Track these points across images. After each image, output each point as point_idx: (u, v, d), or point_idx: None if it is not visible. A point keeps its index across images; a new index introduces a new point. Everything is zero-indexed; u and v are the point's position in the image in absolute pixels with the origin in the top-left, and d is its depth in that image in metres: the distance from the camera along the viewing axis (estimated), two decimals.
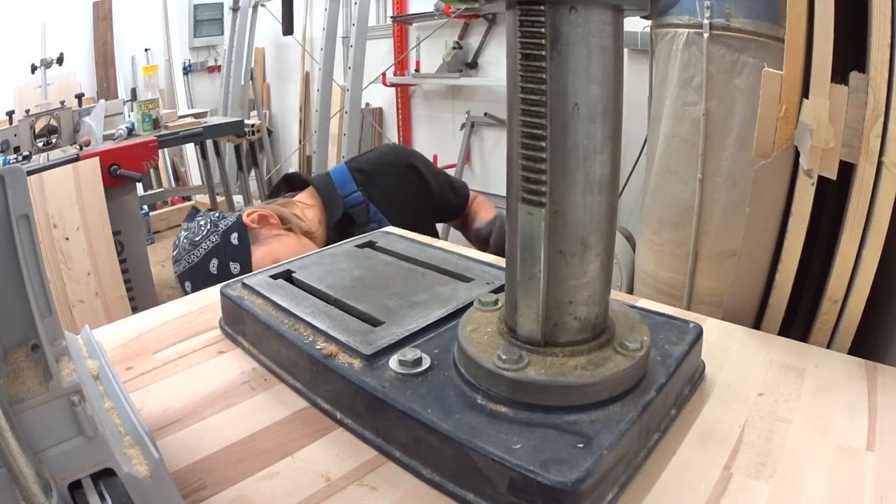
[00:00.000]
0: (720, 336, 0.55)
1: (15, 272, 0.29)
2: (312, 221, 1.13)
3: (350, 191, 1.18)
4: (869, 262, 0.49)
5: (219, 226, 1.04)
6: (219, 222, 1.05)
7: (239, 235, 1.03)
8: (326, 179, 1.21)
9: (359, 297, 0.55)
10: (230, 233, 1.03)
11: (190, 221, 1.08)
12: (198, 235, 1.03)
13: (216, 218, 1.06)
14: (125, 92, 3.62)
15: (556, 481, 0.33)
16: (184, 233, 1.06)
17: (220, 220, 1.06)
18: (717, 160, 1.15)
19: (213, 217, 1.07)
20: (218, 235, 1.02)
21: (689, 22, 1.16)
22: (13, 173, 0.29)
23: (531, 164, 0.37)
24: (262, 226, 1.05)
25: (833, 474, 0.38)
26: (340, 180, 1.20)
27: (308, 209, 1.15)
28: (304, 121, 3.89)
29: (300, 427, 0.45)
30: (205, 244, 1.02)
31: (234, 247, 1.01)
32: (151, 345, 0.58)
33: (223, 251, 1.01)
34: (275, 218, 1.07)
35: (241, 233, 1.03)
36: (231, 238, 1.02)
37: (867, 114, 0.46)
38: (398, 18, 3.29)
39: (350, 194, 1.18)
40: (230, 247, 1.01)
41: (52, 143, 2.03)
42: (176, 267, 1.04)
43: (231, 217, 1.06)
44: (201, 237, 1.03)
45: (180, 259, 1.03)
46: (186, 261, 1.02)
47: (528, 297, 0.40)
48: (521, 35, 0.35)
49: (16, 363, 0.30)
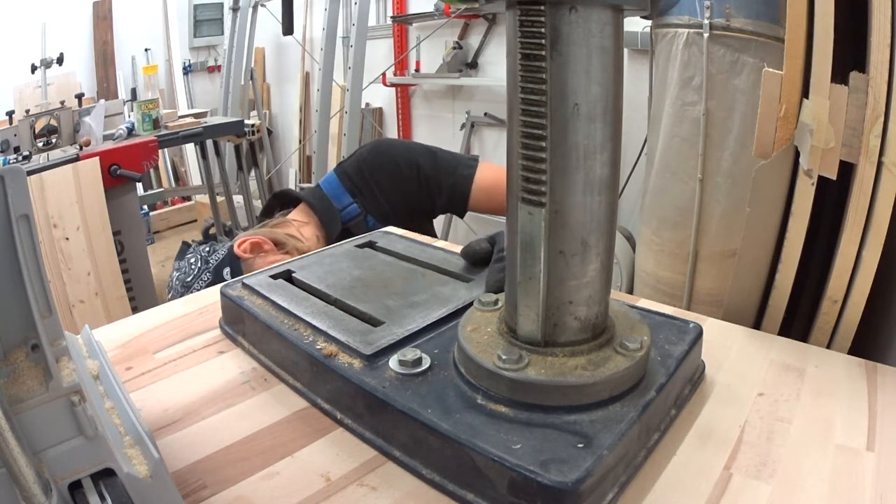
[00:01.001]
0: (720, 336, 0.55)
1: (15, 272, 0.29)
2: (311, 240, 1.07)
3: (346, 203, 1.12)
4: (869, 262, 0.49)
5: (209, 262, 0.99)
6: (209, 258, 1.00)
7: (231, 269, 0.98)
8: (319, 194, 1.14)
9: (359, 297, 0.55)
10: (222, 268, 0.98)
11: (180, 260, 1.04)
12: (189, 275, 0.99)
13: (206, 253, 1.01)
14: (125, 92, 3.62)
15: (556, 481, 0.33)
16: (175, 273, 1.02)
17: (211, 254, 1.00)
18: (717, 160, 1.15)
19: (202, 253, 1.02)
20: (210, 273, 0.98)
21: (689, 22, 1.16)
22: (13, 173, 0.29)
23: (531, 164, 0.37)
24: (255, 254, 0.99)
25: (833, 474, 0.38)
26: (333, 192, 1.13)
27: (304, 227, 1.09)
28: (304, 121, 3.89)
29: (300, 427, 0.45)
30: (196, 284, 0.98)
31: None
32: (151, 345, 0.58)
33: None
34: (268, 244, 1.01)
35: (233, 266, 0.98)
36: (224, 274, 0.97)
37: (867, 114, 0.46)
38: (398, 18, 3.29)
39: (346, 206, 1.12)
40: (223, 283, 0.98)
41: (52, 143, 2.04)
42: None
43: (222, 249, 1.01)
44: (193, 277, 0.99)
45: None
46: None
47: (528, 297, 0.40)
48: (521, 35, 0.35)
49: (16, 363, 0.30)
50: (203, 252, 1.02)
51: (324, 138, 2.77)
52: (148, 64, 3.87)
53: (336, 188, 1.13)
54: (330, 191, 1.14)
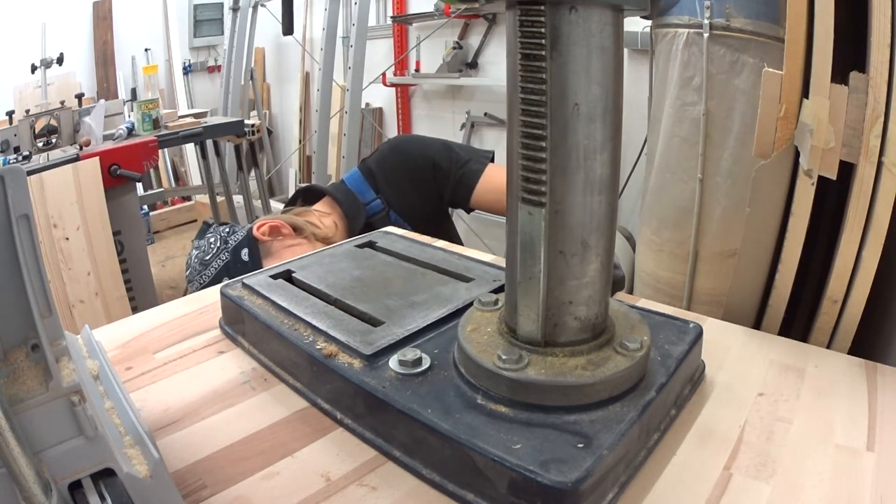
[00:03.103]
0: (720, 336, 0.55)
1: (15, 272, 0.29)
2: (330, 228, 1.09)
3: (370, 198, 1.15)
4: (869, 262, 0.49)
5: (228, 242, 1.01)
6: (229, 238, 1.02)
7: (249, 251, 1.00)
8: (343, 188, 1.17)
9: (359, 297, 0.55)
10: (240, 249, 1.00)
11: (200, 238, 1.06)
12: (208, 254, 1.01)
13: (226, 233, 1.03)
14: (125, 92, 3.62)
15: (556, 481, 0.33)
16: (195, 251, 1.04)
17: (231, 234, 1.03)
18: (717, 160, 1.15)
19: (222, 233, 1.04)
20: (228, 252, 1.00)
21: (689, 22, 1.16)
22: (13, 173, 0.29)
23: (531, 164, 0.37)
24: (273, 237, 1.02)
25: (833, 474, 0.38)
26: (358, 187, 1.16)
27: (325, 217, 1.12)
28: (304, 121, 3.89)
29: (300, 427, 0.45)
30: (215, 262, 1.00)
31: (244, 263, 0.99)
32: (151, 345, 0.58)
33: (234, 269, 0.99)
34: (287, 228, 1.04)
35: (251, 248, 1.01)
36: (241, 254, 1.00)
37: (867, 114, 0.46)
38: (398, 18, 3.29)
39: (370, 202, 1.14)
40: (241, 263, 0.99)
41: (52, 143, 2.03)
42: (189, 287, 1.02)
43: (241, 231, 1.04)
44: (211, 255, 1.01)
45: (192, 280, 1.01)
46: (199, 282, 1.00)
47: (528, 297, 0.40)
48: (522, 35, 0.35)
49: (16, 363, 0.30)
50: (223, 232, 1.04)
51: (324, 138, 2.77)
52: (148, 64, 3.87)
53: (360, 183, 1.16)
54: (354, 186, 1.16)
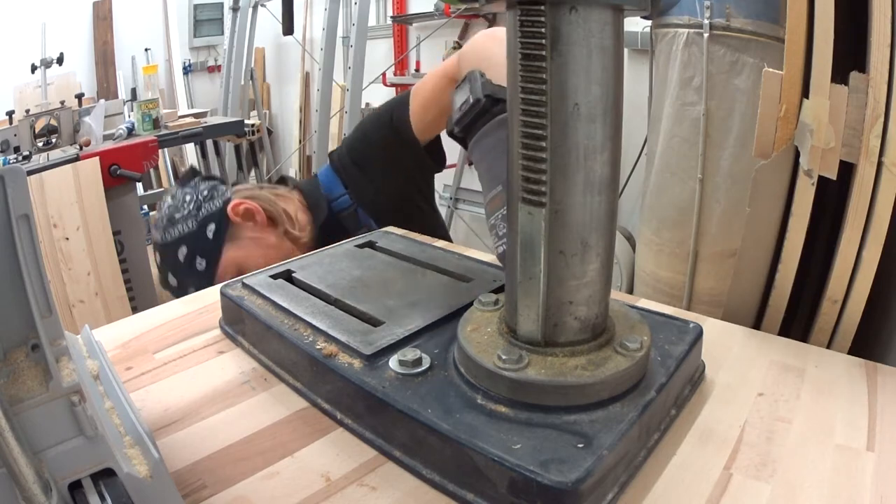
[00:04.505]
0: (720, 336, 0.55)
1: (15, 272, 0.29)
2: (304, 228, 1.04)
3: (337, 194, 1.08)
4: (869, 262, 0.49)
5: (201, 210, 0.95)
6: (203, 204, 0.96)
7: (216, 228, 0.94)
8: (312, 181, 1.12)
9: (359, 297, 0.55)
10: (208, 222, 0.94)
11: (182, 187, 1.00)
12: (178, 212, 0.95)
13: (203, 197, 0.97)
14: (125, 92, 3.62)
15: (556, 481, 0.33)
16: (170, 200, 0.98)
17: (207, 200, 0.96)
18: (717, 160, 1.16)
19: (201, 194, 0.97)
20: (196, 221, 0.94)
21: (689, 22, 1.16)
22: (13, 173, 0.29)
23: (531, 164, 0.37)
24: (245, 221, 0.96)
25: (833, 474, 0.38)
26: (327, 181, 1.10)
27: (300, 212, 1.07)
28: (304, 121, 3.89)
29: (300, 427, 0.45)
30: (181, 226, 0.94)
31: (206, 240, 0.93)
32: (151, 345, 0.58)
33: (194, 242, 0.93)
34: (261, 215, 0.98)
35: (219, 225, 0.94)
36: (207, 230, 0.94)
37: (867, 114, 0.46)
38: (398, 18, 3.29)
39: (337, 198, 1.08)
40: (203, 240, 0.93)
41: (52, 143, 2.04)
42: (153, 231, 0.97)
43: (218, 200, 0.97)
44: (181, 215, 0.95)
45: (157, 228, 0.96)
46: (160, 235, 0.95)
47: (528, 297, 0.40)
48: (521, 35, 0.35)
49: (16, 363, 0.30)
50: (202, 194, 0.98)
51: (324, 138, 2.77)
52: (148, 64, 3.87)
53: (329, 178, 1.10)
54: (324, 180, 1.11)
